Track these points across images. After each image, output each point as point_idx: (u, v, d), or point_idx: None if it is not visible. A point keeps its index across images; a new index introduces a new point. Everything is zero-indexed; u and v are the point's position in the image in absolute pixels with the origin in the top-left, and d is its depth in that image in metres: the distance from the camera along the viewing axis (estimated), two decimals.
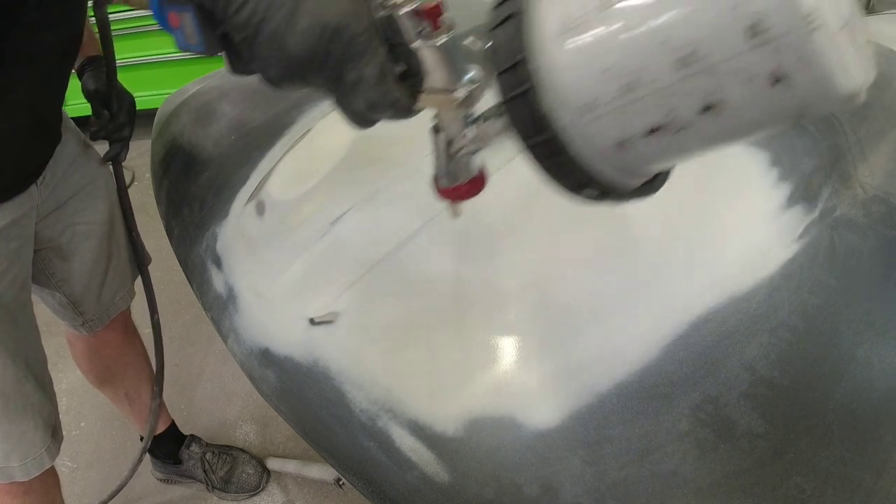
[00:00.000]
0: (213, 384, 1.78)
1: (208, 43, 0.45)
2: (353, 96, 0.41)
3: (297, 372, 0.68)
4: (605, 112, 0.35)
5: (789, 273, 0.65)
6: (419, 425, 0.60)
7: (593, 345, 0.61)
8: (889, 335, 0.64)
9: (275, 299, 0.75)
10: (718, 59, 0.31)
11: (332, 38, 0.38)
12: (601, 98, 0.35)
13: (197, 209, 0.93)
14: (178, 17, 0.46)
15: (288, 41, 0.39)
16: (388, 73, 0.41)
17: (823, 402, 0.59)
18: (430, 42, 0.41)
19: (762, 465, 0.56)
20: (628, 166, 0.39)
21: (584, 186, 0.39)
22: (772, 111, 0.33)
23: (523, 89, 0.37)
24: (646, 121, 0.35)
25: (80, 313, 1.12)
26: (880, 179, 0.79)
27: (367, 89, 0.40)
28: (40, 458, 0.96)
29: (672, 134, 0.35)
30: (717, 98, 0.32)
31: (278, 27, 0.38)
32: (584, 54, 0.35)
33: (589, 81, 0.35)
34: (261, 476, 1.48)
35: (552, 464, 0.56)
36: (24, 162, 0.86)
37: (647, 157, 0.37)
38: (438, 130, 0.46)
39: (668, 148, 0.36)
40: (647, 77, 0.33)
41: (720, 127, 0.34)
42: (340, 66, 0.40)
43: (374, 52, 0.40)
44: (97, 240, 1.06)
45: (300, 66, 0.40)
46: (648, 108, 0.34)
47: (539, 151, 0.38)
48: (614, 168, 0.39)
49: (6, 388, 0.88)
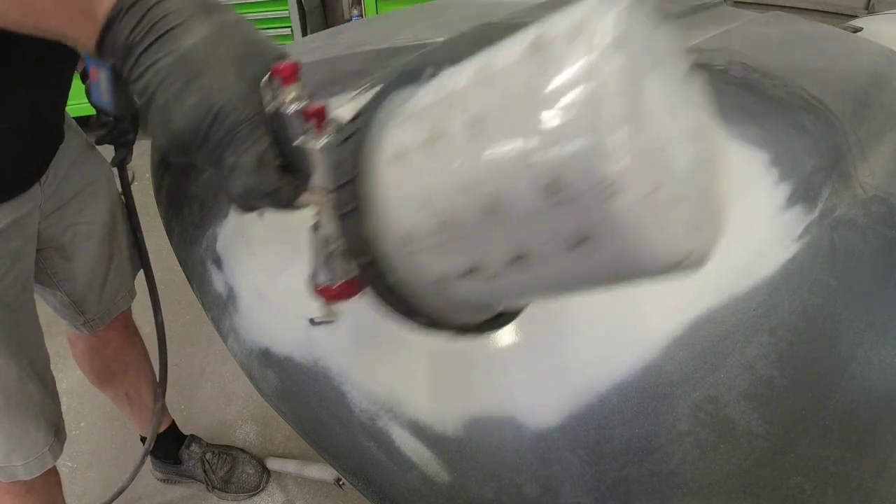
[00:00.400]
0: (213, 384, 1.78)
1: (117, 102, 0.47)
2: (230, 181, 0.41)
3: (297, 372, 0.68)
4: (421, 247, 0.35)
5: (789, 273, 0.65)
6: (419, 425, 0.60)
7: (593, 345, 0.61)
8: (889, 335, 0.64)
9: (275, 299, 0.75)
10: (520, 212, 0.30)
11: (214, 121, 0.39)
12: (417, 232, 0.35)
13: (197, 209, 0.93)
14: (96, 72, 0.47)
15: (174, 116, 0.39)
16: (267, 163, 0.41)
17: (823, 402, 0.59)
18: (313, 143, 0.41)
19: (762, 465, 0.56)
20: (455, 303, 0.38)
21: (412, 314, 0.39)
22: (582, 271, 0.31)
23: (349, 209, 0.37)
24: (459, 263, 0.34)
25: (82, 313, 1.12)
26: (880, 179, 0.79)
27: (243, 176, 0.40)
28: (43, 458, 0.96)
29: (486, 280, 0.34)
30: (524, 251, 0.31)
31: (167, 100, 0.39)
32: (404, 185, 0.35)
33: (407, 213, 0.35)
34: (261, 476, 1.48)
35: (552, 464, 0.56)
36: (25, 161, 0.86)
37: (469, 297, 0.37)
38: (317, 228, 0.45)
39: (487, 292, 0.36)
40: (457, 219, 0.33)
41: (533, 279, 0.33)
42: (221, 149, 0.40)
43: (255, 141, 0.40)
44: (99, 239, 1.06)
45: (182, 141, 0.40)
46: (460, 250, 0.34)
47: (365, 273, 0.38)
48: (441, 302, 0.38)
49: (8, 387, 0.88)
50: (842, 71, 0.98)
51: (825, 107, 0.83)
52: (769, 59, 0.95)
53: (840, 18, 3.44)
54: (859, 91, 0.91)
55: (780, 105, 0.82)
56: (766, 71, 0.90)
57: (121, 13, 0.40)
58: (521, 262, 0.32)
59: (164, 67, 0.39)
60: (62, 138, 0.94)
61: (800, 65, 0.97)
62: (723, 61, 0.91)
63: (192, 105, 0.39)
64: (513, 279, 0.33)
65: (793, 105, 0.83)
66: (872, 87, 0.94)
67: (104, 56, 0.43)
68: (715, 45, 0.97)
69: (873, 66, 1.01)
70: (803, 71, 0.94)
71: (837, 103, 0.85)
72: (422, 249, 0.35)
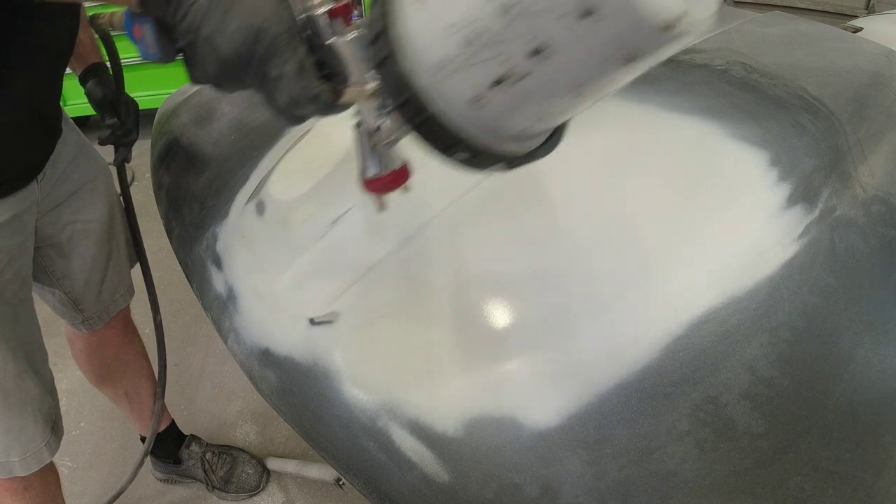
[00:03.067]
0: (213, 384, 1.78)
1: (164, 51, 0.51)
2: (276, 92, 0.45)
3: (297, 372, 0.68)
4: (454, 69, 0.38)
5: (789, 273, 0.65)
6: (419, 425, 0.60)
7: (593, 345, 0.61)
8: (889, 335, 0.64)
9: (275, 299, 0.75)
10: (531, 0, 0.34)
11: (256, 39, 0.43)
12: (448, 55, 0.38)
13: (197, 209, 0.93)
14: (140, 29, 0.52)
15: (219, 43, 0.44)
16: (307, 69, 0.44)
17: (823, 402, 0.59)
18: (342, 38, 0.45)
19: (762, 465, 0.56)
20: (492, 125, 0.41)
21: (453, 148, 0.41)
22: (594, 48, 0.34)
23: (384, 55, 0.40)
24: (488, 73, 0.37)
25: (80, 311, 1.13)
26: (880, 179, 0.79)
27: (288, 84, 0.44)
28: (40, 453, 0.96)
29: (514, 84, 0.37)
30: (542, 40, 0.34)
31: (212, 31, 0.44)
32: (427, 14, 0.38)
33: (436, 40, 0.38)
34: (261, 476, 1.48)
35: (552, 464, 0.56)
36: (24, 157, 0.86)
37: (503, 111, 0.39)
38: (360, 125, 0.49)
39: (519, 100, 0.38)
40: (480, 28, 0.36)
41: (556, 71, 0.36)
42: (264, 64, 0.44)
43: (294, 50, 0.44)
44: (97, 237, 1.06)
45: (231, 64, 0.45)
46: (487, 59, 0.36)
47: (405, 113, 0.41)
48: (479, 128, 0.41)
49: (7, 383, 0.88)
50: (842, 71, 0.98)
51: (825, 107, 0.84)
52: (769, 59, 0.95)
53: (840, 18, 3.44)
54: (859, 91, 0.91)
55: (780, 105, 0.83)
56: (766, 71, 0.90)
57: None
58: (541, 54, 0.35)
59: (203, 3, 0.43)
60: (60, 133, 0.95)
61: (800, 65, 0.97)
62: (723, 61, 0.91)
63: (235, 29, 0.43)
64: (539, 77, 0.36)
65: (793, 105, 0.83)
66: (872, 87, 0.94)
67: (149, 10, 0.47)
68: (715, 45, 0.97)
69: (873, 66, 1.01)
70: (803, 71, 0.94)
71: (837, 103, 0.85)
72: (454, 71, 0.38)
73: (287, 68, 0.44)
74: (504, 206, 0.72)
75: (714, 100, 0.82)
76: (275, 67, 0.44)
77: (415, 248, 0.70)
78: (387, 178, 0.49)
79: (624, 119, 0.80)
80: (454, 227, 0.71)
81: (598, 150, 0.77)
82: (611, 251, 0.67)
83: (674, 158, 0.76)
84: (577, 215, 0.70)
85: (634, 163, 0.75)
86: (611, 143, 0.78)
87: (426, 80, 0.39)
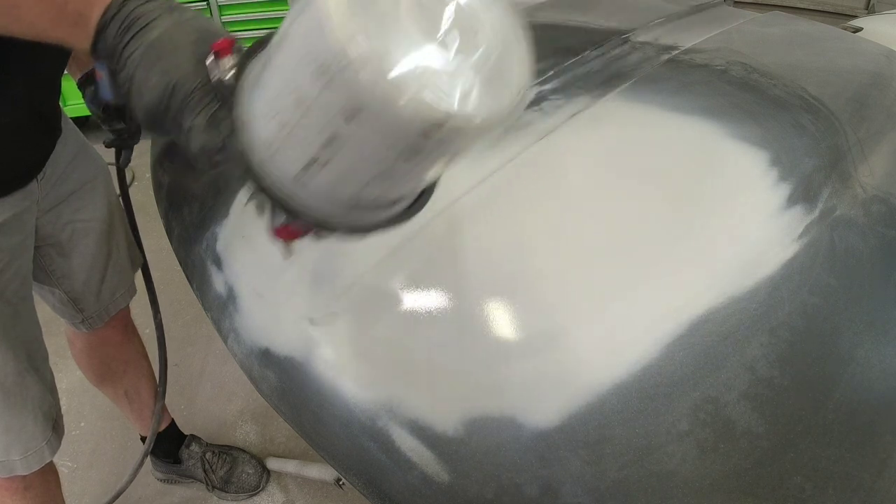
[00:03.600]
0: (213, 384, 1.78)
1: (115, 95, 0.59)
2: (189, 141, 0.49)
3: (297, 372, 0.68)
4: (276, 149, 0.42)
5: (789, 273, 0.65)
6: (419, 425, 0.60)
7: (593, 344, 0.61)
8: (889, 335, 0.64)
9: (275, 299, 0.75)
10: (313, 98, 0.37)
11: (172, 93, 0.48)
12: (269, 136, 0.42)
13: (197, 209, 0.93)
14: (99, 72, 0.59)
15: (144, 93, 0.49)
16: (217, 121, 0.47)
17: (823, 402, 0.59)
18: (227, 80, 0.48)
19: (762, 465, 0.56)
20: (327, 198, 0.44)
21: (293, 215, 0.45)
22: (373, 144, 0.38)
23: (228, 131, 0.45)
24: (301, 155, 0.41)
25: (80, 310, 1.13)
26: (880, 179, 0.79)
27: (199, 135, 0.48)
28: (41, 452, 0.96)
29: (324, 166, 0.41)
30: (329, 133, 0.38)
31: (139, 82, 0.49)
32: (258, 95, 0.43)
33: (262, 121, 0.42)
34: (261, 476, 1.48)
35: (552, 464, 0.56)
36: (24, 157, 0.86)
37: (325, 188, 0.43)
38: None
39: (334, 180, 0.42)
40: (285, 119, 0.40)
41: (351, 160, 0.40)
42: (180, 115, 0.48)
43: (205, 105, 0.47)
44: (97, 237, 1.06)
45: (152, 113, 0.49)
46: (296, 144, 0.41)
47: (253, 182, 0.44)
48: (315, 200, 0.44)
49: (7, 381, 0.88)
50: (842, 71, 0.98)
51: (825, 107, 0.84)
52: (769, 59, 0.95)
53: (840, 18, 3.44)
54: (859, 91, 0.91)
55: (780, 105, 0.83)
56: (766, 71, 0.90)
57: (108, 22, 0.49)
58: (335, 143, 0.39)
59: (136, 56, 0.48)
60: (59, 133, 0.95)
61: (800, 65, 0.97)
62: (723, 61, 0.91)
63: (155, 83, 0.48)
64: (340, 163, 0.40)
65: (793, 105, 0.83)
66: (872, 87, 0.94)
67: (100, 57, 0.51)
68: (715, 45, 0.97)
69: (873, 66, 1.01)
70: (803, 71, 0.94)
71: (837, 103, 0.85)
72: (277, 150, 0.42)
73: (197, 120, 0.47)
74: (504, 205, 0.72)
75: (714, 100, 0.82)
76: (187, 119, 0.48)
77: (414, 248, 0.70)
78: (293, 226, 0.50)
79: (624, 119, 0.81)
80: (454, 227, 0.71)
81: (598, 149, 0.77)
82: (611, 251, 0.67)
83: (674, 158, 0.76)
84: (577, 215, 0.70)
85: (634, 162, 0.75)
86: (611, 142, 0.78)
87: (261, 157, 0.43)
